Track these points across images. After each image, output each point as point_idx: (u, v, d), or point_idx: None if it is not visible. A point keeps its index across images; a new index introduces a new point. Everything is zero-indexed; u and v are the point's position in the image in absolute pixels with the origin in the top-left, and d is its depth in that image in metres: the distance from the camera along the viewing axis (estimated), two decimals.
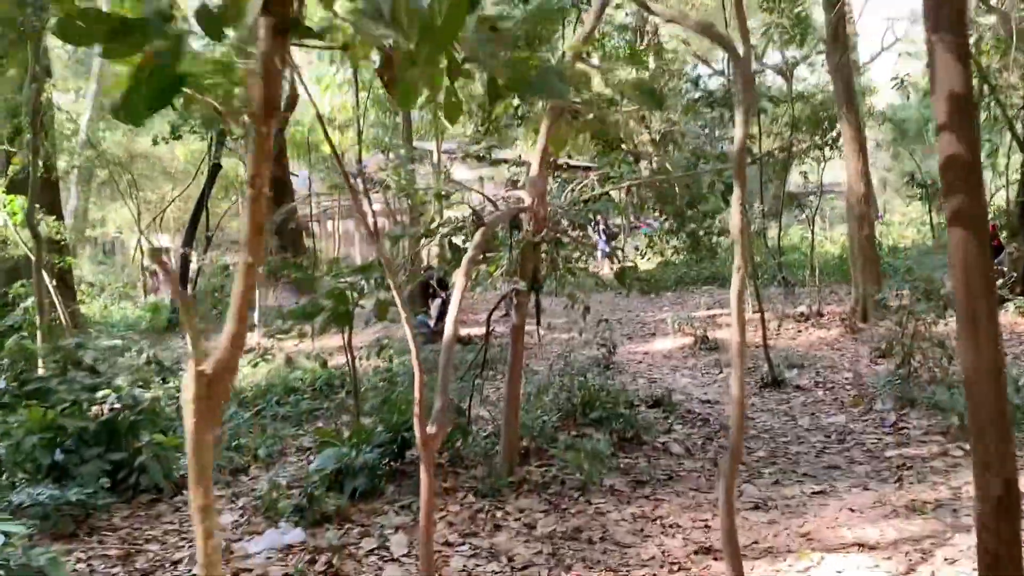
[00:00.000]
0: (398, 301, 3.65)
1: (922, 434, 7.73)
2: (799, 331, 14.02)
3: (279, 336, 6.71)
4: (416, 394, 3.75)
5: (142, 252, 22.90)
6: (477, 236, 4.50)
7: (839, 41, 14.50)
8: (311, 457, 7.20)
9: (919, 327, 9.59)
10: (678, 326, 14.34)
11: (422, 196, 5.99)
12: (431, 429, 3.69)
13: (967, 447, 7.07)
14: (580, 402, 8.29)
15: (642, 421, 7.95)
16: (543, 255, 6.38)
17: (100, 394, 6.97)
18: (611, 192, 6.98)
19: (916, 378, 9.23)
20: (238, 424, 8.61)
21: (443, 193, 5.70)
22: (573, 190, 6.53)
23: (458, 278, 4.22)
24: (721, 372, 11.51)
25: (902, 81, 16.95)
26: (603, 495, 6.20)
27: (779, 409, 9.23)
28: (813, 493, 6.17)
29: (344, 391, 10.20)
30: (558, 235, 6.26)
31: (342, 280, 6.27)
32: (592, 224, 7.06)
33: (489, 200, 5.70)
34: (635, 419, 7.88)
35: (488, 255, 6.08)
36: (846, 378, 10.62)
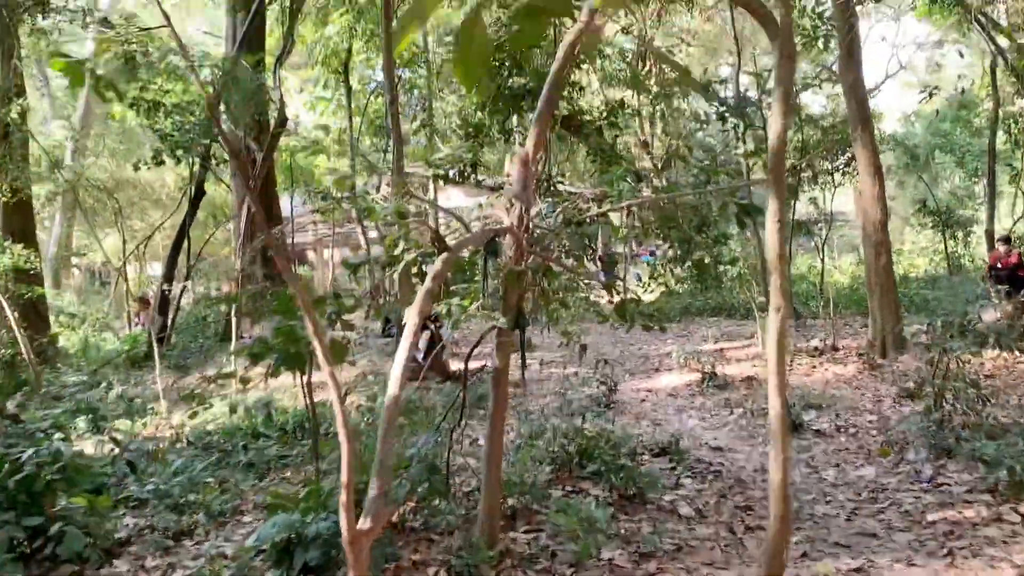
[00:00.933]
0: (317, 348, 2.74)
1: (966, 491, 6.75)
2: (813, 367, 13.07)
3: (220, 382, 5.75)
4: (343, 475, 2.83)
5: (126, 281, 21.96)
6: (437, 265, 3.59)
7: (853, 58, 13.67)
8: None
9: (951, 365, 8.68)
10: (684, 360, 13.43)
11: (378, 215, 5.07)
12: (364, 523, 2.76)
13: None
14: (576, 451, 7.38)
15: (646, 474, 7.00)
16: (532, 285, 5.47)
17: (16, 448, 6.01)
18: (610, 216, 6.08)
19: (949, 423, 8.25)
20: (191, 476, 7.62)
21: (404, 213, 4.80)
22: (565, 211, 5.61)
23: (409, 317, 3.29)
24: (732, 413, 10.55)
25: (931, 94, 16.09)
26: (600, 571, 5.23)
27: (799, 459, 8.25)
28: (850, 571, 5.19)
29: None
30: (548, 262, 5.33)
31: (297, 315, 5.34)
32: (588, 252, 6.11)
33: (460, 221, 4.80)
34: (638, 472, 6.94)
35: (462, 286, 5.18)
36: (870, 421, 9.65)
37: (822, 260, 18.83)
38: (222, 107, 17.19)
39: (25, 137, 16.03)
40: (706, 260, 11.73)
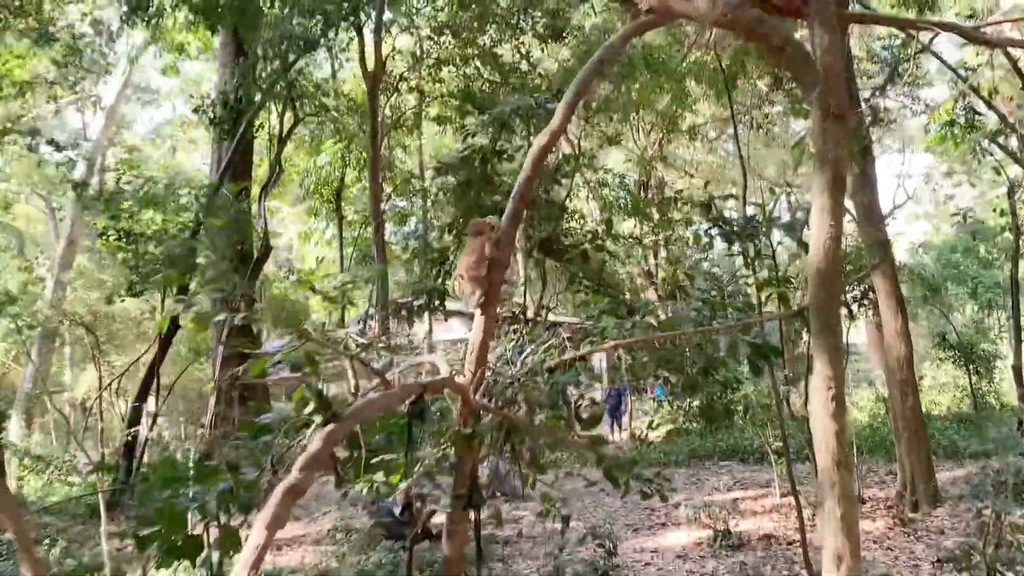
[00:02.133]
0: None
1: None
2: None
3: None
4: None
5: (100, 420, 20.66)
6: (314, 445, 2.43)
7: (867, 181, 12.74)
8: None
9: (1004, 530, 7.39)
10: (694, 514, 12.02)
11: (262, 365, 3.93)
12: None
13: None
14: None
15: None
16: (493, 447, 4.30)
17: None
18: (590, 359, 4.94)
19: None
20: None
21: (313, 361, 3.67)
22: (535, 351, 4.48)
23: (255, 530, 2.10)
24: None
25: (964, 217, 15.16)
26: None
27: None
28: None
29: None
30: (511, 419, 4.15)
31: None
32: (562, 399, 4.87)
33: (374, 371, 3.65)
34: None
35: (389, 457, 3.98)
36: None
37: None
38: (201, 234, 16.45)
39: None
40: (714, 404, 10.51)
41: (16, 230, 32.66)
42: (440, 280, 7.69)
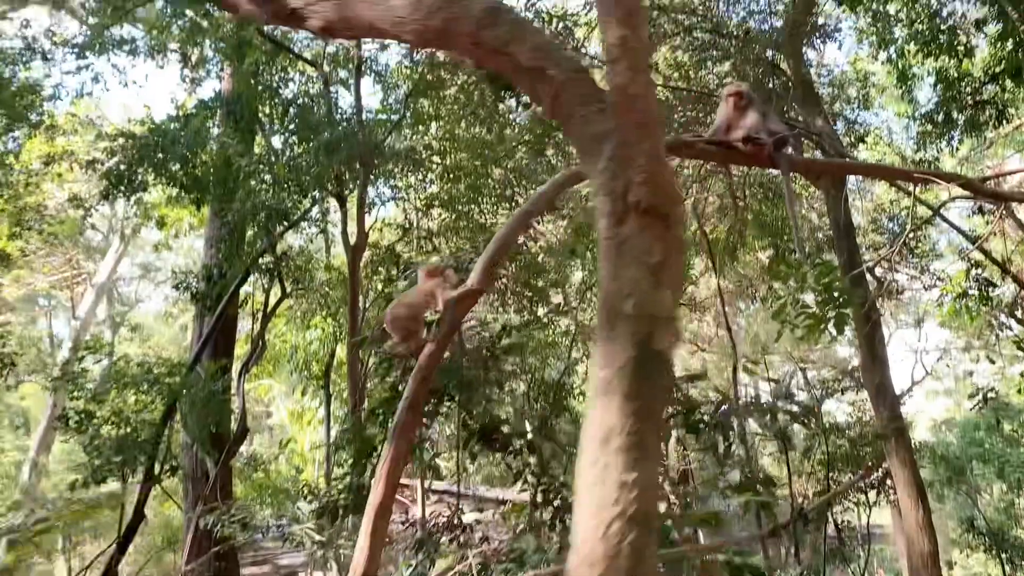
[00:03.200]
0: None
1: None
2: None
3: None
4: None
5: None
6: None
7: (878, 360, 11.79)
8: None
9: None
10: None
11: None
12: None
13: None
14: None
15: None
16: None
17: None
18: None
19: None
20: None
21: None
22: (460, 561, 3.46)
23: None
24: None
25: (986, 398, 14.13)
26: None
27: None
28: None
29: None
30: None
31: None
32: None
33: None
34: None
35: None
36: None
37: None
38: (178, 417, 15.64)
39: None
40: None
41: (21, 410, 31.85)
42: (368, 478, 6.68)
